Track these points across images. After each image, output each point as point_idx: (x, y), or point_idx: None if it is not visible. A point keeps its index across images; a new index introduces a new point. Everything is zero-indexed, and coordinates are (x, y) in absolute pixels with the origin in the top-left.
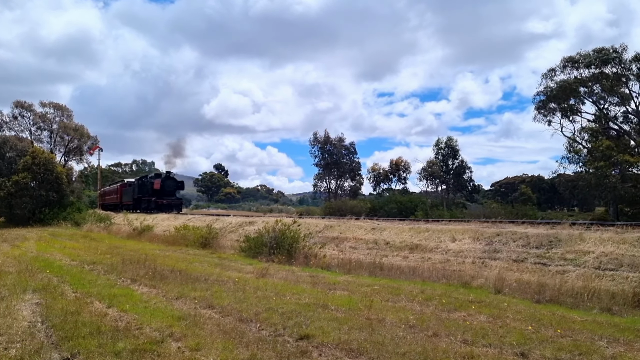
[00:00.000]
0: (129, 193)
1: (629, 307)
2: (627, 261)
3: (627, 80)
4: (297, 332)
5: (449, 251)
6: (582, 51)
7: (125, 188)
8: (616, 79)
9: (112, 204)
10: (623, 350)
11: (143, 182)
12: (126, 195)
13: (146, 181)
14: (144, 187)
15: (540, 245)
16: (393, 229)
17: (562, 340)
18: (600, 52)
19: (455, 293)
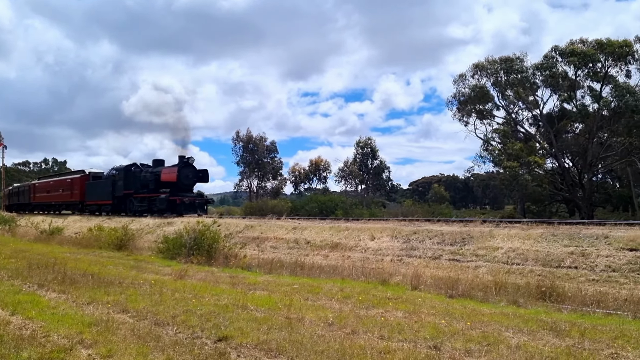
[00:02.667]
0: (105, 188)
1: (533, 299)
2: (532, 256)
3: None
4: (216, 334)
5: (368, 249)
6: (489, 58)
7: (93, 182)
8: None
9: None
10: (527, 340)
11: (136, 172)
12: (96, 191)
13: (143, 171)
14: (138, 179)
15: (455, 243)
16: (314, 228)
17: (472, 332)
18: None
19: (374, 290)
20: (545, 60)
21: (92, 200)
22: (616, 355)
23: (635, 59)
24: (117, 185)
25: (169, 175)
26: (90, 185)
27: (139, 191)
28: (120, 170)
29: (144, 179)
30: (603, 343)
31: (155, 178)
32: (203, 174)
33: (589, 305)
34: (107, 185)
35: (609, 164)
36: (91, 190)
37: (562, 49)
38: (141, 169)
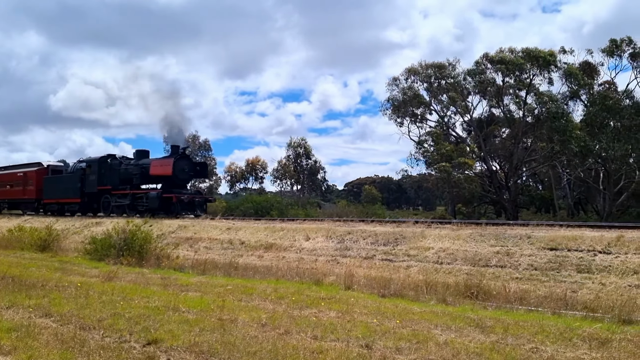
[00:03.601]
0: (70, 184)
1: (461, 297)
2: (461, 255)
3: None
4: (145, 337)
5: (303, 250)
6: (422, 63)
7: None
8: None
9: None
10: (454, 337)
11: (114, 165)
12: (58, 187)
13: (123, 163)
14: (116, 173)
15: (388, 243)
16: (249, 228)
17: (403, 330)
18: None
19: (308, 291)
20: (475, 67)
21: (52, 198)
22: (536, 350)
23: (558, 68)
24: (87, 180)
25: (162, 168)
26: (50, 180)
27: (119, 187)
28: (92, 162)
29: (126, 172)
30: (524, 338)
31: (142, 171)
32: (201, 167)
33: (512, 303)
34: (73, 180)
35: (532, 168)
36: (51, 186)
37: (492, 57)
38: (120, 161)
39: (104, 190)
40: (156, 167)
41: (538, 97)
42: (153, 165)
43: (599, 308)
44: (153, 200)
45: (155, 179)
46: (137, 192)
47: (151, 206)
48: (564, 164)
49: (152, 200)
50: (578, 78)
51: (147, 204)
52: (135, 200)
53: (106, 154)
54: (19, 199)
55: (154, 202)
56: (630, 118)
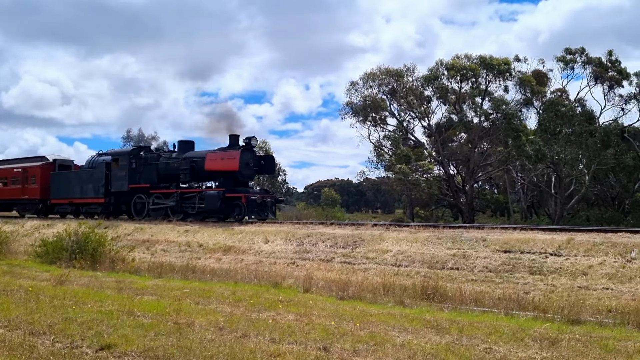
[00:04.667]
0: (90, 181)
1: (418, 299)
2: (418, 258)
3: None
4: (98, 342)
5: (262, 252)
6: (381, 68)
7: (64, 173)
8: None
9: None
10: (411, 338)
11: (150, 158)
12: (71, 185)
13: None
14: (154, 168)
15: (346, 245)
16: (207, 231)
17: (360, 332)
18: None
19: (266, 293)
20: (431, 73)
21: (63, 197)
22: (489, 350)
23: (512, 76)
24: (114, 177)
25: (224, 162)
26: (60, 177)
27: (158, 185)
28: (122, 155)
29: (168, 167)
30: (478, 339)
31: (192, 166)
32: (266, 162)
33: (467, 304)
34: (95, 176)
35: (488, 172)
36: (62, 184)
37: (447, 63)
38: (159, 153)
39: (138, 189)
40: (214, 160)
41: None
42: (210, 159)
43: (550, 309)
44: (212, 200)
45: (209, 176)
46: (188, 192)
47: (209, 208)
48: (518, 169)
49: (211, 200)
50: (531, 86)
51: (201, 206)
52: (184, 202)
53: (137, 146)
54: (17, 200)
55: (214, 203)
56: (580, 125)
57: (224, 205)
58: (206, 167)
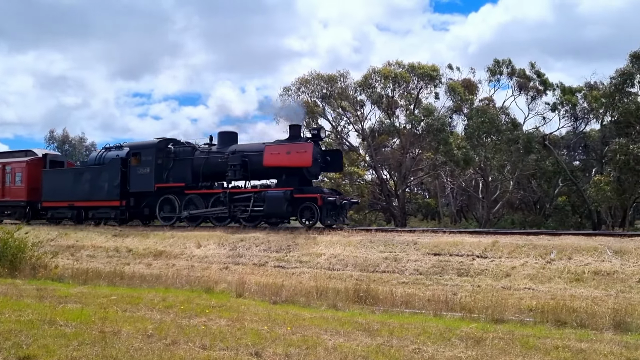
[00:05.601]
0: (100, 179)
1: (350, 302)
2: (351, 261)
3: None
4: (16, 354)
5: (194, 257)
6: (314, 73)
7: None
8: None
9: None
10: (343, 341)
11: (183, 152)
12: (71, 185)
13: (198, 149)
14: (188, 163)
15: (280, 249)
16: (137, 235)
17: (293, 336)
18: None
19: (198, 299)
20: (364, 79)
21: (58, 199)
22: (418, 350)
23: (442, 83)
24: (135, 175)
25: (292, 156)
26: (55, 175)
27: (195, 184)
28: (144, 148)
29: (210, 163)
30: (408, 340)
31: (244, 162)
32: (333, 158)
33: (398, 306)
34: (107, 175)
35: (419, 177)
36: (57, 183)
37: (379, 70)
38: (193, 146)
39: (166, 190)
40: (276, 155)
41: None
42: (270, 153)
43: (475, 309)
44: (276, 202)
45: (266, 173)
46: (240, 192)
47: (271, 211)
48: (448, 174)
49: (275, 202)
50: (460, 93)
51: (258, 209)
52: (234, 204)
53: (163, 138)
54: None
55: (278, 205)
56: (506, 132)
57: (291, 208)
58: (265, 163)
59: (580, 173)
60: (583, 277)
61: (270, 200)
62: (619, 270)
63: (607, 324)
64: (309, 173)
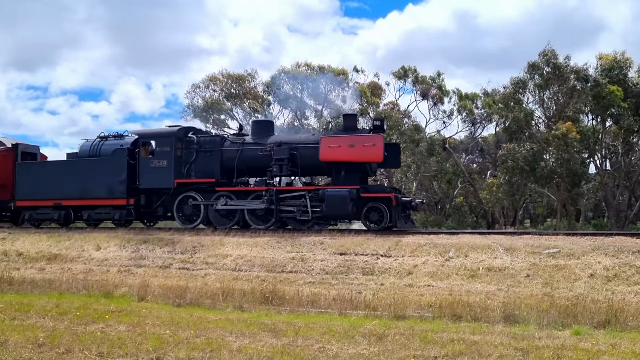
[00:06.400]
0: (100, 173)
1: (257, 303)
2: (258, 262)
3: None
4: None
5: (93, 260)
6: (223, 72)
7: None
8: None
9: None
10: (248, 342)
11: (209, 142)
12: (64, 179)
13: (227, 139)
14: (215, 156)
15: (185, 251)
16: (28, 237)
17: (196, 340)
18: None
19: (96, 304)
20: (273, 79)
21: (38, 198)
22: (323, 349)
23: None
24: (146, 169)
25: (357, 150)
26: (33, 169)
27: (226, 180)
28: (162, 137)
29: (246, 156)
30: (313, 339)
31: (293, 155)
32: (391, 153)
33: (305, 306)
34: (109, 168)
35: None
36: (36, 178)
37: (288, 71)
38: (222, 136)
39: (190, 186)
40: (336, 148)
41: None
42: (328, 145)
43: (379, 306)
44: (339, 202)
45: (319, 168)
46: (290, 190)
47: (332, 212)
48: None
49: (337, 202)
50: (367, 96)
51: (316, 210)
52: (280, 203)
53: (179, 126)
54: None
55: (341, 205)
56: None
57: (355, 209)
58: (322, 157)
59: (477, 175)
60: (478, 273)
61: (332, 199)
62: (509, 266)
63: (498, 316)
64: (370, 169)
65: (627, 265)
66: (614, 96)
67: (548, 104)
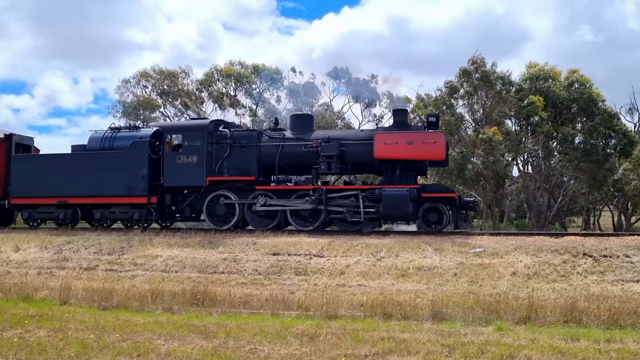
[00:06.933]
0: (116, 168)
1: (187, 305)
2: (189, 263)
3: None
4: None
5: (11, 262)
6: (155, 68)
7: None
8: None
9: None
10: (177, 345)
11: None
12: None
13: (265, 133)
14: (252, 151)
15: (113, 252)
16: None
17: (123, 344)
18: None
19: (14, 309)
20: (207, 77)
21: (39, 195)
22: (254, 350)
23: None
24: (172, 165)
25: (415, 147)
26: (33, 163)
27: (264, 179)
28: (191, 130)
29: (288, 152)
30: (245, 340)
31: (342, 152)
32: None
33: (237, 307)
34: (128, 163)
35: None
36: (36, 173)
37: (221, 69)
38: (260, 131)
39: (224, 184)
40: (392, 145)
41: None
42: (383, 142)
43: (311, 306)
44: (398, 202)
45: (372, 166)
46: (341, 189)
47: (390, 213)
48: None
49: (397, 202)
50: (301, 96)
51: (371, 210)
52: (329, 202)
53: (207, 118)
54: None
55: (401, 205)
56: None
57: (414, 209)
58: (377, 155)
59: None
60: (408, 272)
61: (390, 199)
62: (438, 265)
63: (427, 314)
64: (424, 168)
65: (546, 263)
66: (534, 106)
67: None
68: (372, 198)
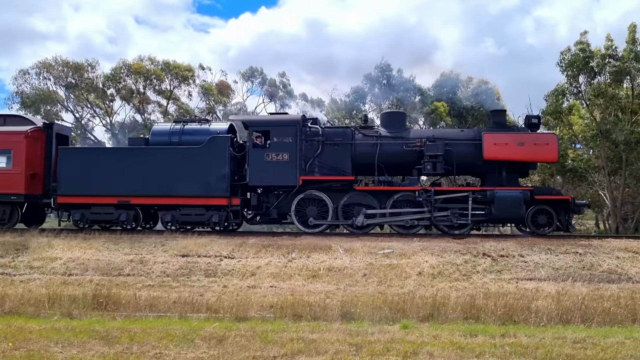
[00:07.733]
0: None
1: (89, 309)
2: (92, 265)
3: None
4: None
5: None
6: (58, 59)
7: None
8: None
9: None
10: (76, 352)
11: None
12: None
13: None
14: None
15: (6, 254)
16: None
17: (15, 352)
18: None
19: None
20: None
21: (99, 194)
22: (160, 355)
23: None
24: (258, 163)
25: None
26: (88, 157)
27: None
28: (280, 126)
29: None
30: (150, 345)
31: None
32: None
33: (142, 310)
34: (205, 159)
35: None
36: (90, 169)
37: (130, 64)
38: (354, 128)
39: (318, 184)
40: (504, 145)
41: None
42: (492, 142)
43: (221, 308)
44: (512, 204)
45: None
46: (450, 191)
47: (503, 216)
48: None
49: (510, 204)
50: (214, 95)
51: (478, 212)
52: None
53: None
54: None
55: (514, 208)
56: None
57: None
58: (486, 156)
59: None
60: (319, 273)
61: (504, 201)
62: (349, 266)
63: (336, 315)
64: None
65: (450, 263)
66: (439, 112)
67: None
68: (480, 200)
